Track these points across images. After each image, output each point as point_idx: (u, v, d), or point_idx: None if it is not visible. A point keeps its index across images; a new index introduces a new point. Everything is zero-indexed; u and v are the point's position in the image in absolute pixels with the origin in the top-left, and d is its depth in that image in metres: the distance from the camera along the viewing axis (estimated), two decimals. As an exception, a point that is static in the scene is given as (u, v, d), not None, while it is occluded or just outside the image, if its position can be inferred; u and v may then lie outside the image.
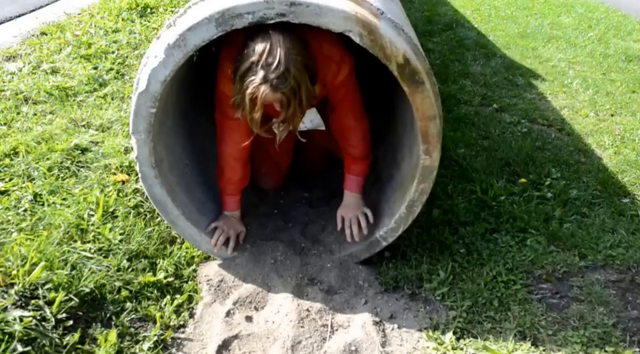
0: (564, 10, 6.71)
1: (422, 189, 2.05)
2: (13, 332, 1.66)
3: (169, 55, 1.76)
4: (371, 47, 1.75)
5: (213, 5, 1.70)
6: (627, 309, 2.05)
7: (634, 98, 4.02)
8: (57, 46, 3.82)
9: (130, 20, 4.65)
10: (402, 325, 1.99)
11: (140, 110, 1.88)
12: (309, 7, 1.68)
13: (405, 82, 1.82)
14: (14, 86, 3.16)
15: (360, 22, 1.72)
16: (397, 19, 1.95)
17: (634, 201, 2.69)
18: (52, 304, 1.80)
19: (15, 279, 1.83)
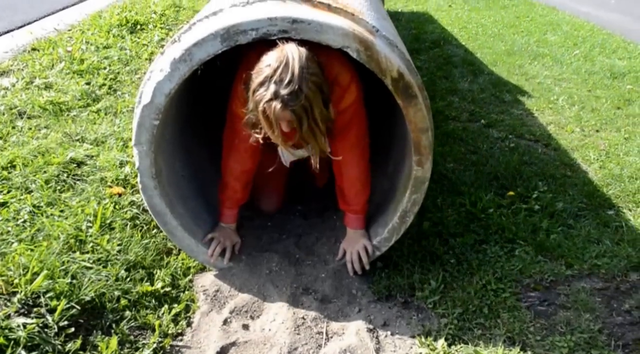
0: (550, 29, 6.93)
1: (415, 199, 2.16)
2: (17, 338, 1.74)
3: (175, 69, 1.87)
4: (368, 62, 1.88)
5: (218, 22, 1.82)
6: (612, 316, 2.16)
7: (619, 114, 4.18)
8: (49, 62, 3.92)
9: (120, 37, 4.76)
10: (395, 332, 2.09)
11: (144, 122, 1.98)
12: (310, 24, 1.80)
13: (399, 96, 1.94)
14: (8, 101, 3.25)
15: (357, 39, 1.84)
16: (391, 36, 2.08)
17: (618, 213, 2.83)
18: (54, 312, 1.88)
19: (17, 287, 1.91)
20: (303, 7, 1.88)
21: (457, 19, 7.44)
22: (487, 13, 7.84)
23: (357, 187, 2.28)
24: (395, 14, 7.71)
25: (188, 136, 2.57)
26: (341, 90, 1.98)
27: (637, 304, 2.20)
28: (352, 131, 2.15)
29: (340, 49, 1.85)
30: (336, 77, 1.95)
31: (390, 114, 2.57)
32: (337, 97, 1.98)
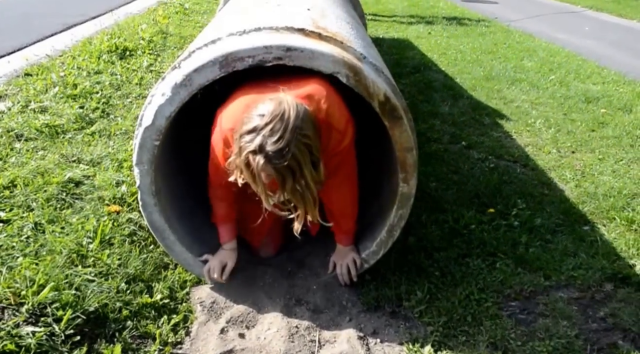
0: (527, 55, 7.20)
1: (401, 214, 2.31)
2: (27, 345, 1.84)
3: (176, 94, 2.02)
4: (356, 86, 2.04)
5: (217, 50, 1.98)
6: (588, 323, 2.32)
7: (593, 136, 4.40)
8: (43, 86, 4.05)
9: (110, 62, 4.90)
10: (385, 339, 2.22)
11: (145, 143, 2.11)
12: (303, 51, 1.96)
13: (386, 118, 2.10)
14: (5, 124, 3.36)
15: (346, 65, 2.01)
16: (377, 62, 2.25)
17: (593, 229, 3.00)
18: (60, 322, 1.98)
19: (24, 298, 2.02)
20: (296, 36, 2.04)
21: (437, 45, 7.70)
22: (466, 40, 8.11)
23: (347, 212, 2.38)
24: (377, 40, 7.94)
25: (184, 154, 2.70)
26: (339, 134, 2.02)
27: (611, 312, 2.36)
28: (345, 170, 2.22)
29: (331, 74, 2.01)
30: (334, 122, 1.98)
31: (377, 134, 2.73)
32: (335, 141, 2.02)
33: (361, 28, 3.00)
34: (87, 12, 7.76)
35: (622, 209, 3.17)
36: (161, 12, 7.49)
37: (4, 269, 2.12)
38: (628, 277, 2.57)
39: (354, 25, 2.79)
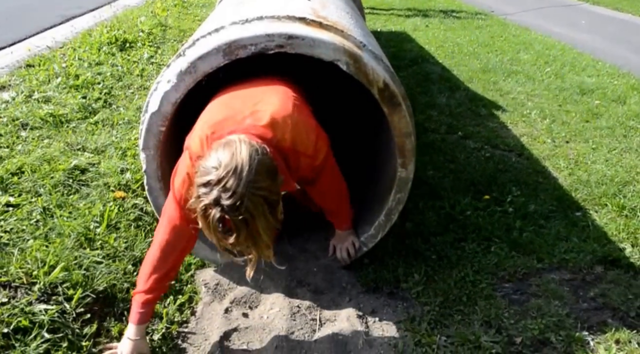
0: (523, 48, 7.28)
1: (399, 198, 2.41)
2: (40, 322, 1.93)
3: (181, 81, 2.10)
4: (356, 74, 2.12)
5: (220, 38, 2.06)
6: (578, 302, 2.41)
7: (587, 127, 4.49)
8: (45, 77, 4.12)
9: (111, 54, 4.97)
10: (383, 318, 2.31)
11: (152, 128, 2.19)
12: (304, 39, 2.04)
13: (385, 104, 2.19)
14: (10, 113, 3.44)
15: (347, 53, 2.09)
16: (377, 50, 2.34)
17: (585, 215, 3.10)
18: (71, 300, 2.07)
19: (36, 278, 2.10)
20: (297, 25, 2.12)
21: (434, 38, 7.77)
22: (462, 33, 8.18)
23: (338, 206, 2.45)
24: (375, 32, 8.01)
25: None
26: (309, 158, 2.00)
27: (601, 292, 2.46)
28: (326, 177, 2.19)
29: (332, 62, 2.10)
30: (301, 149, 1.95)
31: (379, 120, 2.81)
32: (306, 164, 2.01)
33: (360, 18, 3.09)
34: (83, 4, 7.81)
35: (614, 196, 3.27)
36: (159, 5, 7.55)
37: (16, 251, 2.21)
38: (618, 260, 2.66)
39: (353, 15, 2.87)
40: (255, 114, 1.89)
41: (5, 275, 2.08)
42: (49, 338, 1.90)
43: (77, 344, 1.96)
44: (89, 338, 2.00)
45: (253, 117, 1.88)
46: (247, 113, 1.89)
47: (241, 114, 1.89)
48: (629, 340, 2.17)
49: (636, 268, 2.62)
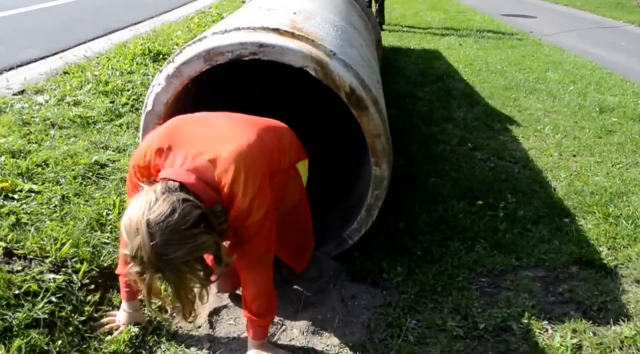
0: (551, 67, 7.44)
1: (377, 195, 2.65)
2: (48, 287, 2.25)
3: (169, 83, 2.43)
4: (324, 79, 2.40)
5: (202, 46, 2.39)
6: (547, 296, 2.61)
7: (598, 142, 4.65)
8: (78, 83, 4.56)
9: (143, 64, 5.40)
10: (362, 303, 2.56)
11: (147, 126, 2.53)
12: (274, 48, 2.34)
13: (353, 107, 2.45)
14: (42, 114, 3.86)
15: (314, 60, 2.37)
16: (350, 60, 2.58)
17: (573, 221, 3.28)
18: (78, 272, 2.40)
19: (49, 253, 2.44)
20: (270, 34, 2.42)
21: (465, 56, 8.00)
22: (495, 52, 8.38)
23: (259, 302, 2.09)
24: (408, 51, 8.31)
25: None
26: (236, 213, 1.85)
27: (569, 288, 2.65)
28: (257, 245, 1.99)
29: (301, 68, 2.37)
30: (237, 200, 1.84)
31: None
32: (236, 217, 1.87)
33: (353, 32, 3.34)
34: (128, 19, 8.38)
35: (605, 205, 3.44)
36: (197, 20, 8.02)
37: (33, 229, 2.56)
38: (592, 261, 2.85)
39: (343, 29, 3.14)
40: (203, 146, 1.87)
41: (22, 248, 2.42)
42: (55, 302, 2.22)
43: (80, 309, 2.27)
44: (92, 305, 2.32)
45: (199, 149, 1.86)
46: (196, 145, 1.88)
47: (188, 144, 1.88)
48: (585, 330, 2.36)
49: (608, 268, 2.80)
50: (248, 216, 1.88)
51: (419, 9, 13.12)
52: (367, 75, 2.68)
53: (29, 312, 2.11)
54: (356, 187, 3.02)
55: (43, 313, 2.13)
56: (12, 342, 1.97)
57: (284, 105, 3.99)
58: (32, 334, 2.03)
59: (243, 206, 1.85)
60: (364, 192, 2.79)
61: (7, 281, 2.20)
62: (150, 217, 1.58)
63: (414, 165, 3.98)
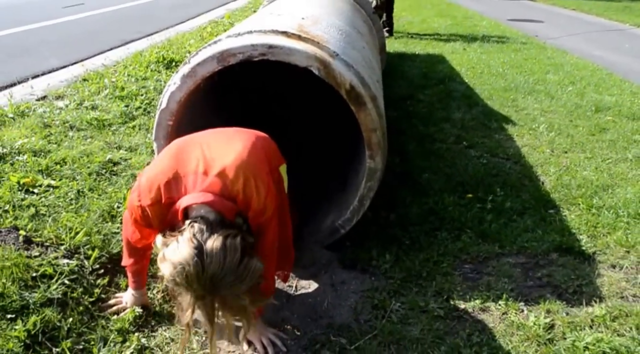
0: (552, 69, 7.50)
1: (370, 186, 2.79)
2: (62, 271, 2.42)
3: (184, 83, 2.59)
4: (326, 77, 2.54)
5: (216, 48, 2.54)
6: (525, 281, 2.72)
7: (590, 139, 4.73)
8: (96, 89, 4.77)
9: (157, 71, 5.60)
10: (350, 287, 2.69)
11: (161, 122, 2.68)
12: (282, 49, 2.49)
13: (352, 103, 2.59)
14: (62, 117, 4.06)
15: (318, 60, 2.52)
16: (351, 60, 2.73)
17: (557, 212, 3.37)
18: (90, 258, 2.56)
19: (63, 241, 2.61)
20: (279, 37, 2.57)
21: (468, 60, 8.09)
22: (498, 55, 8.46)
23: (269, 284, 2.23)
24: (412, 56, 8.42)
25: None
26: (254, 213, 1.94)
27: (548, 273, 2.76)
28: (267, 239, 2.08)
29: (305, 68, 2.53)
30: (249, 202, 1.91)
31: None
32: (254, 218, 1.95)
33: (357, 36, 3.49)
34: (144, 30, 8.62)
35: (590, 197, 3.53)
36: (209, 30, 8.23)
37: (50, 220, 2.74)
38: (572, 248, 2.95)
39: (347, 33, 3.28)
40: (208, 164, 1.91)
41: (40, 237, 2.60)
42: (68, 284, 2.38)
43: (90, 291, 2.44)
44: (101, 287, 2.48)
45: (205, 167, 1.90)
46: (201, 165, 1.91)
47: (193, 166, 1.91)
48: (559, 310, 2.47)
49: (586, 255, 2.90)
50: (262, 215, 1.97)
51: (426, 15, 13.23)
52: (367, 75, 2.82)
53: (44, 292, 2.28)
54: (352, 181, 3.15)
55: (57, 294, 2.30)
56: (28, 318, 2.13)
57: (288, 105, 4.16)
58: (46, 312, 2.19)
59: (260, 207, 1.94)
60: (357, 183, 2.93)
61: (26, 265, 2.37)
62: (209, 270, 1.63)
63: (409, 162, 4.10)
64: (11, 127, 3.96)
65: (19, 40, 7.89)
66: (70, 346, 2.11)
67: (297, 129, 3.94)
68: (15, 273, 2.31)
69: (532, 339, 2.31)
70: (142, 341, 2.24)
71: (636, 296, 2.61)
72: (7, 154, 3.45)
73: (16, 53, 6.86)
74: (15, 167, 3.28)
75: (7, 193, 2.94)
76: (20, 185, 3.06)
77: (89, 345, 2.17)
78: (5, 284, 2.24)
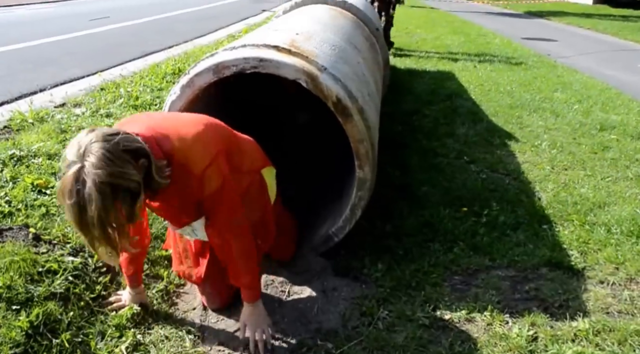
0: (561, 87, 7.50)
1: (360, 196, 2.84)
2: (67, 267, 2.51)
3: (183, 92, 2.68)
4: (314, 90, 2.61)
5: (212, 60, 2.63)
6: (513, 294, 2.75)
7: (592, 157, 4.73)
8: (112, 98, 4.90)
9: (172, 82, 5.72)
10: (341, 294, 2.74)
11: (163, 129, 2.77)
12: (272, 62, 2.57)
13: (339, 115, 2.65)
14: (78, 124, 4.18)
15: (306, 73, 2.59)
16: (340, 74, 2.78)
17: (551, 228, 3.39)
18: (93, 257, 2.65)
19: (70, 240, 2.70)
20: (270, 51, 2.65)
21: (477, 77, 8.12)
22: (507, 73, 8.48)
23: (240, 266, 2.23)
24: (422, 72, 8.48)
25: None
26: (195, 179, 1.92)
27: (536, 287, 2.78)
28: (221, 216, 2.11)
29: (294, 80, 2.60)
30: (191, 169, 1.90)
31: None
32: (194, 185, 1.94)
33: (352, 52, 3.53)
34: (164, 42, 8.80)
35: (585, 214, 3.54)
36: (226, 43, 8.37)
37: (59, 219, 2.84)
38: (562, 263, 2.97)
39: (341, 48, 3.34)
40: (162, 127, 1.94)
41: (48, 235, 2.70)
42: (71, 280, 2.47)
43: (92, 287, 2.52)
44: (102, 285, 2.57)
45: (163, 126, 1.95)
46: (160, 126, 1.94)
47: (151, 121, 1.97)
48: (543, 323, 2.49)
49: (575, 270, 2.92)
50: (202, 186, 1.94)
51: (440, 33, 13.30)
52: (357, 88, 2.88)
53: (48, 287, 2.37)
54: (347, 190, 3.21)
55: (60, 288, 2.39)
56: (32, 310, 2.22)
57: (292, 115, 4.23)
58: (49, 305, 2.28)
59: (197, 172, 1.90)
60: (349, 193, 2.98)
61: (33, 260, 2.47)
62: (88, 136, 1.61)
63: (409, 175, 4.15)
64: (30, 131, 4.09)
65: (45, 51, 8.13)
66: (70, 338, 2.19)
67: (302, 138, 4.03)
68: (22, 268, 2.40)
69: (514, 350, 2.34)
70: (138, 337, 2.32)
71: (621, 312, 2.62)
72: (24, 157, 3.57)
73: (41, 63, 7.07)
74: (31, 169, 3.39)
75: (21, 193, 3.05)
76: (33, 186, 3.17)
77: (87, 338, 2.25)
78: (13, 277, 2.33)
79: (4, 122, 4.35)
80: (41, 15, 13.49)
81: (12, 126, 4.24)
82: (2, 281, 2.28)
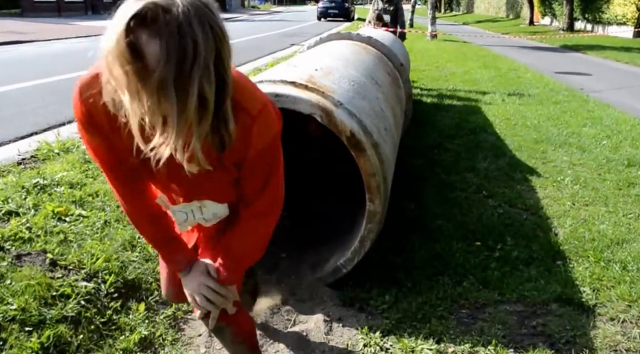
0: (590, 122, 7.49)
1: (370, 228, 2.94)
2: (80, 292, 2.66)
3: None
4: (328, 124, 2.75)
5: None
6: (520, 329, 2.79)
7: (616, 193, 4.73)
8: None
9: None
10: (346, 324, 2.82)
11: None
12: (288, 97, 2.72)
13: (352, 149, 2.78)
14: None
15: (321, 108, 2.73)
16: (355, 109, 2.93)
17: (565, 263, 3.42)
18: (106, 283, 2.79)
19: (85, 265, 2.86)
20: (286, 87, 2.80)
21: (504, 111, 8.16)
22: (536, 107, 8.51)
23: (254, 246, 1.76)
24: (448, 106, 8.58)
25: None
26: (250, 119, 1.45)
27: (543, 322, 2.82)
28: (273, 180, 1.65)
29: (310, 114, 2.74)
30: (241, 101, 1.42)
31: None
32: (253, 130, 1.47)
33: (372, 87, 3.67)
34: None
35: (601, 251, 3.56)
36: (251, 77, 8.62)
37: (76, 246, 3.00)
38: (572, 299, 2.99)
39: (360, 83, 3.49)
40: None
41: (65, 260, 2.86)
42: (83, 304, 2.61)
43: (103, 312, 2.66)
44: (112, 309, 2.70)
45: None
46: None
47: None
48: (547, 358, 2.53)
49: (585, 306, 2.94)
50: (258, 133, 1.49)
51: (470, 67, 13.40)
52: (372, 123, 3.01)
53: (61, 310, 2.52)
54: (358, 223, 3.31)
55: (72, 312, 2.53)
56: (43, 332, 2.36)
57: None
58: (60, 328, 2.42)
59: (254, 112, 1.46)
60: (359, 226, 3.08)
61: (48, 284, 2.63)
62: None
63: (424, 208, 4.23)
64: (55, 161, 4.33)
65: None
66: (77, 361, 2.33)
67: (315, 170, 4.16)
68: (37, 291, 2.56)
69: (516, 384, 2.38)
70: (143, 362, 2.44)
71: (630, 350, 2.64)
72: (47, 185, 3.78)
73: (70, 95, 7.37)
74: (52, 198, 3.59)
75: (42, 220, 3.23)
76: (54, 213, 3.35)
77: (95, 362, 2.38)
78: (28, 300, 2.49)
79: (31, 152, 4.60)
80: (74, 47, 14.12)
81: (38, 156, 4.49)
82: (17, 304, 2.43)
